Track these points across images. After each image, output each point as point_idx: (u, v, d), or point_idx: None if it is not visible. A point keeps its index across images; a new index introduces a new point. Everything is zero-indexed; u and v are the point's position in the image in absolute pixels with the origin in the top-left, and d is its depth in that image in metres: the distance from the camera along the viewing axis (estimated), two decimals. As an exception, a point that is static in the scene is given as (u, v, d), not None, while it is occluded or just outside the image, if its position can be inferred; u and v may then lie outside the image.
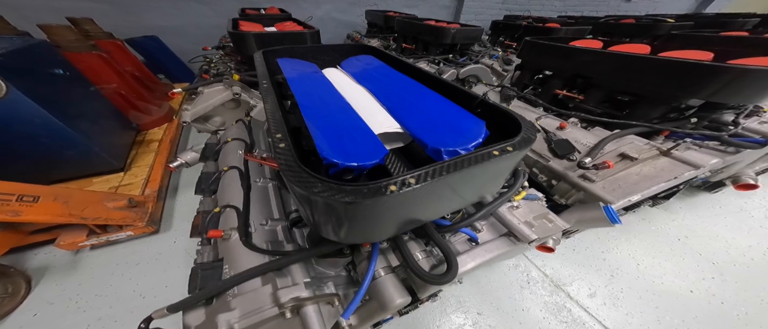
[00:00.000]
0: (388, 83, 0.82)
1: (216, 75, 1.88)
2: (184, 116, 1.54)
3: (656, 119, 0.98)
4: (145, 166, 1.85)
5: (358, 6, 4.51)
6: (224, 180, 0.94)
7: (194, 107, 1.57)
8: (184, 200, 1.87)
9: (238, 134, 1.20)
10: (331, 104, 0.68)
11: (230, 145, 1.11)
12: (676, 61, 0.84)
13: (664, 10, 6.35)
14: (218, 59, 2.25)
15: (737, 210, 1.63)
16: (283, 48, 1.11)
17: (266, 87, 0.67)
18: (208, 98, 1.57)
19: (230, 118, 1.74)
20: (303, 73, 0.92)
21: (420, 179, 0.36)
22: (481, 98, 0.58)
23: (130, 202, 1.48)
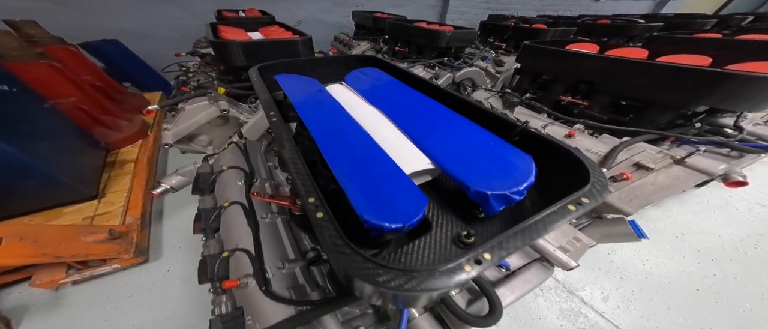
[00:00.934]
0: (406, 104, 0.76)
1: (197, 88, 1.72)
2: (165, 136, 1.38)
3: (663, 125, 1.01)
4: (121, 191, 1.65)
5: (343, 6, 4.40)
6: (226, 217, 0.84)
7: (176, 126, 1.42)
8: (171, 224, 1.71)
9: (234, 161, 1.09)
10: (352, 139, 0.61)
11: (227, 175, 1.00)
12: (690, 68, 0.86)
13: (626, 10, 6.83)
14: (197, 69, 2.07)
15: (724, 204, 1.75)
16: (280, 63, 1.02)
17: (276, 122, 0.59)
18: (192, 115, 1.42)
19: (218, 136, 1.60)
20: (309, 95, 0.84)
21: (494, 251, 0.31)
22: (521, 126, 0.54)
23: (111, 234, 1.32)
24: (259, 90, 0.74)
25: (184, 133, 1.41)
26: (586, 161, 0.42)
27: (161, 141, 1.41)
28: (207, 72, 2.00)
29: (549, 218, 0.34)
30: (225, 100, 1.49)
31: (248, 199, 0.93)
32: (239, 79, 1.70)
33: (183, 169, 1.43)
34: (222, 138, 1.62)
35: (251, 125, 1.50)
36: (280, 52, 1.52)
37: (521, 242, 0.31)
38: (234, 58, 1.45)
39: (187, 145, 1.51)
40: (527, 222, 0.33)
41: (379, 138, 0.63)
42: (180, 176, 1.43)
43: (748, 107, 0.82)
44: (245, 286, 0.66)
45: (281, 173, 1.17)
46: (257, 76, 0.82)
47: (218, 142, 1.61)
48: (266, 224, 0.84)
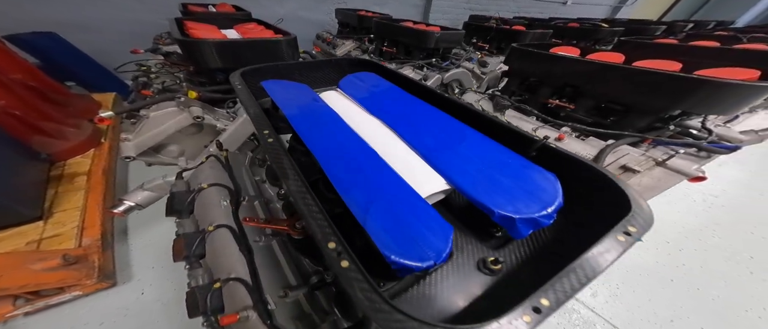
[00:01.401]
0: (410, 114, 0.72)
1: (162, 91, 1.53)
2: (125, 148, 1.21)
3: (642, 128, 1.08)
4: (72, 209, 1.42)
5: (326, 4, 4.26)
6: (213, 243, 0.74)
7: (138, 135, 1.24)
8: (139, 243, 1.54)
9: (214, 177, 0.97)
10: (359, 158, 0.56)
11: (208, 194, 0.88)
12: (671, 75, 0.93)
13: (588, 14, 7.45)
14: (160, 68, 1.85)
15: (682, 196, 1.94)
16: (266, 67, 0.92)
17: (275, 146, 0.51)
18: (158, 123, 1.26)
19: (191, 145, 1.44)
20: (303, 105, 0.76)
21: (550, 295, 0.28)
22: (541, 142, 0.52)
23: (65, 259, 1.14)
24: (246, 102, 0.65)
25: (149, 144, 1.24)
26: (622, 184, 0.41)
27: (121, 152, 1.22)
28: (173, 73, 1.79)
29: (600, 253, 0.31)
30: (198, 105, 1.34)
31: (237, 221, 0.83)
32: (213, 81, 1.54)
33: (150, 183, 1.26)
34: (195, 148, 1.46)
35: (230, 133, 1.37)
36: (261, 53, 1.39)
37: (578, 283, 0.29)
38: (207, 60, 1.30)
39: (153, 157, 1.33)
40: (582, 259, 0.31)
41: (387, 155, 0.58)
42: (147, 191, 1.26)
43: (720, 111, 0.90)
44: (246, 320, 0.58)
45: (270, 187, 1.07)
46: (242, 84, 0.73)
47: (191, 152, 1.45)
48: (260, 249, 0.75)
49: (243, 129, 1.38)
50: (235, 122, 1.38)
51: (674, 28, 4.42)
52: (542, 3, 6.54)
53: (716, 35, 2.42)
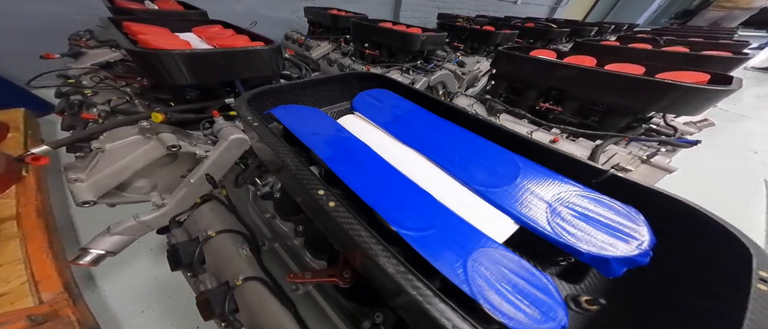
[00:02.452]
0: (447, 141, 0.66)
1: (112, 113, 1.20)
2: (79, 192, 0.93)
3: (623, 128, 1.20)
4: (12, 263, 1.08)
5: (290, 1, 3.87)
6: (245, 297, 0.62)
7: (94, 174, 0.97)
8: (114, 287, 1.29)
9: (221, 221, 0.80)
10: (417, 202, 0.49)
11: (218, 243, 0.73)
12: (665, 83, 1.02)
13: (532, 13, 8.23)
14: (97, 81, 1.45)
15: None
16: (268, 90, 0.77)
17: (339, 211, 0.41)
18: (118, 157, 0.99)
19: (164, 176, 1.19)
20: (326, 136, 0.65)
21: None
22: (608, 173, 0.51)
23: (32, 320, 0.89)
24: (275, 148, 0.51)
25: (111, 184, 0.97)
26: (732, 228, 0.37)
27: (74, 197, 0.93)
28: (117, 87, 1.43)
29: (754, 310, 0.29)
30: (167, 130, 1.09)
31: (264, 269, 0.70)
32: (181, 99, 1.27)
33: (119, 226, 1.01)
34: (170, 178, 1.20)
35: (214, 160, 1.15)
36: (241, 65, 1.19)
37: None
38: (174, 75, 1.05)
39: (117, 196, 1.05)
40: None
41: (438, 193, 0.52)
42: (117, 235, 1.00)
43: (688, 111, 1.04)
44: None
45: (282, 222, 0.93)
46: (258, 120, 0.58)
47: (166, 184, 1.19)
48: (301, 299, 0.65)
49: (229, 154, 1.18)
50: (218, 147, 1.16)
51: (603, 29, 5.13)
52: (497, 3, 6.99)
53: (641, 38, 2.83)
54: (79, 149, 0.96)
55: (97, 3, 2.50)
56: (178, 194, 1.13)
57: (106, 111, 1.14)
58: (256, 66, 1.24)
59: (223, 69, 1.14)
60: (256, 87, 1.60)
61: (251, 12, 3.63)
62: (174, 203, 1.12)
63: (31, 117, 1.98)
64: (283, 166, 0.49)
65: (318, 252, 0.84)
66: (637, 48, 1.97)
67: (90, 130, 0.96)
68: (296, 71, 1.84)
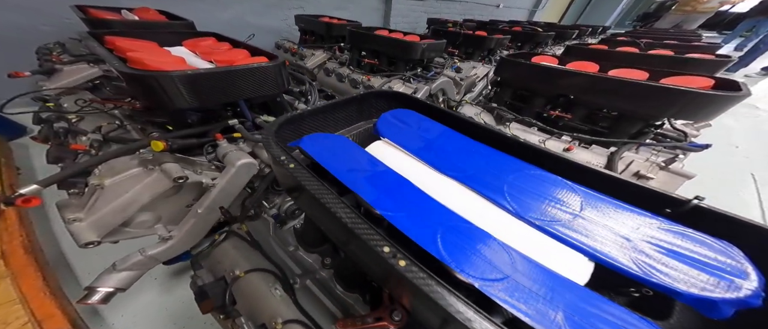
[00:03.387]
0: (493, 170, 0.61)
1: (105, 142, 1.07)
2: (80, 234, 0.82)
3: (634, 134, 1.20)
4: (7, 303, 0.97)
5: (278, 9, 3.74)
6: None
7: (94, 213, 0.85)
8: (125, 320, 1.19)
9: (247, 260, 0.73)
10: (479, 242, 0.44)
11: (248, 283, 0.66)
12: (674, 88, 1.03)
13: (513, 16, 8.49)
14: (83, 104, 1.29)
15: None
16: (290, 118, 0.70)
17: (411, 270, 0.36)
18: (119, 193, 0.88)
19: (169, 208, 1.08)
20: (361, 169, 0.59)
21: None
22: (691, 203, 0.46)
23: None
24: (323, 197, 0.45)
25: (115, 222, 0.86)
26: None
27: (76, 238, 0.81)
28: (105, 110, 1.28)
29: None
30: (170, 159, 0.98)
31: (302, 310, 0.64)
32: (181, 122, 1.16)
33: (125, 262, 0.91)
34: (175, 209, 1.09)
35: (222, 188, 1.05)
36: (247, 83, 1.10)
37: None
38: (174, 98, 0.94)
39: (121, 233, 0.94)
40: None
41: (499, 232, 0.48)
42: (124, 271, 0.90)
43: (703, 117, 1.05)
44: None
45: (306, 254, 0.86)
46: (295, 161, 0.51)
47: (170, 216, 1.08)
48: None
49: (237, 180, 1.09)
50: (226, 174, 1.06)
51: (582, 32, 5.36)
52: (481, 6, 7.13)
53: (622, 41, 2.96)
54: (73, 185, 0.84)
55: (65, 12, 2.26)
56: (185, 226, 1.03)
57: (98, 140, 1.01)
58: (262, 84, 1.15)
59: (227, 89, 1.05)
60: (261, 105, 1.52)
61: (239, 20, 3.47)
62: (182, 234, 1.02)
63: (2, 143, 1.76)
64: (335, 217, 0.43)
65: (349, 286, 0.78)
66: (625, 51, 2.05)
67: (84, 164, 0.84)
68: (296, 85, 1.76)
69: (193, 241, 1.09)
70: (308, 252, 0.88)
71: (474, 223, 0.49)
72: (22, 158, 1.91)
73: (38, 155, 1.97)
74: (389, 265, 0.36)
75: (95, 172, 0.87)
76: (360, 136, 0.94)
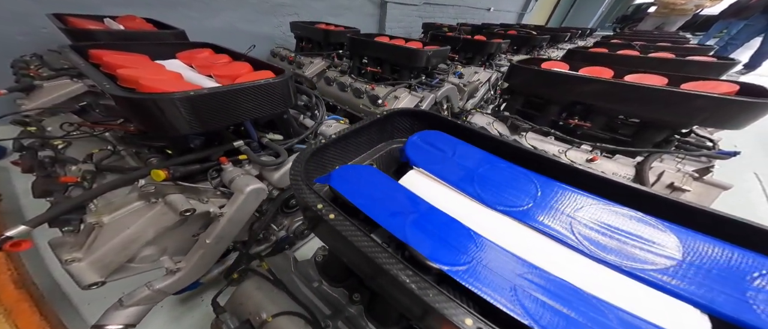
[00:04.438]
0: (553, 202, 0.53)
1: (97, 172, 0.95)
2: (81, 275, 0.73)
3: (660, 142, 1.14)
4: None
5: (271, 16, 3.62)
6: None
7: (94, 252, 0.75)
8: None
9: (273, 302, 0.65)
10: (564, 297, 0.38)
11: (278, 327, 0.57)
12: (704, 95, 0.98)
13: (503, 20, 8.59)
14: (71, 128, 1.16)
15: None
16: (315, 150, 0.62)
17: None
18: (120, 229, 0.77)
19: (175, 240, 0.97)
20: (413, 218, 0.51)
21: None
22: None
23: None
24: (373, 252, 0.38)
25: (119, 262, 0.76)
26: None
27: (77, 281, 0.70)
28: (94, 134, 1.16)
29: None
30: (174, 189, 0.88)
31: None
32: (182, 146, 1.05)
33: (132, 298, 0.82)
34: (181, 239, 0.98)
35: (230, 217, 0.96)
36: (252, 103, 1.00)
37: None
38: (176, 123, 0.84)
39: (126, 270, 0.83)
40: None
41: (582, 282, 0.41)
42: (132, 306, 0.80)
43: (734, 125, 0.99)
44: None
45: (331, 289, 0.78)
46: (354, 225, 0.43)
47: (177, 247, 0.97)
48: None
49: (247, 208, 0.99)
50: (234, 202, 0.97)
51: (573, 35, 5.44)
52: (473, 10, 7.18)
53: (617, 44, 2.97)
54: (66, 222, 0.73)
55: (42, 21, 2.09)
56: (193, 257, 0.93)
57: (90, 171, 0.90)
58: (272, 102, 1.06)
59: (234, 110, 0.95)
60: (266, 126, 1.40)
61: (230, 28, 3.33)
62: (190, 266, 0.92)
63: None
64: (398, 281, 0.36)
65: (383, 324, 0.71)
66: (627, 55, 2.05)
67: (77, 199, 0.73)
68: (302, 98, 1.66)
69: (202, 271, 1.00)
70: (333, 286, 0.80)
71: (549, 271, 0.42)
72: (2, 182, 1.74)
73: (20, 178, 1.79)
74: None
75: (90, 208, 0.76)
76: (383, 160, 0.86)
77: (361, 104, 2.14)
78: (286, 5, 3.60)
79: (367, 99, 2.10)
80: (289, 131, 1.36)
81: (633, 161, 1.09)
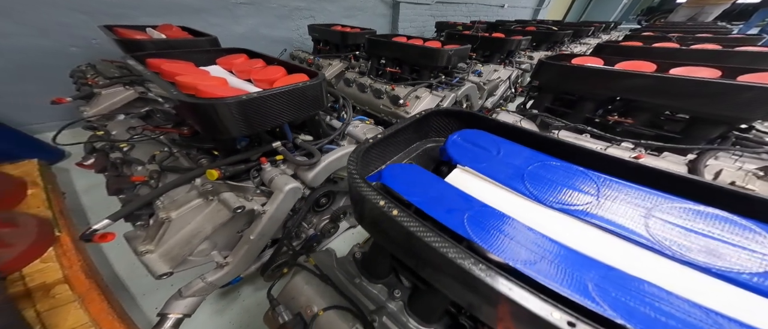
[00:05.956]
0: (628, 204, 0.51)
1: (161, 172, 1.03)
2: (154, 266, 0.80)
3: (715, 138, 1.05)
4: (80, 327, 0.93)
5: (289, 20, 3.74)
6: None
7: (163, 244, 0.82)
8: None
9: (325, 297, 0.68)
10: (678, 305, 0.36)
11: (328, 322, 0.61)
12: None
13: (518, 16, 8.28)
14: (134, 133, 1.26)
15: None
16: (365, 149, 0.64)
17: None
18: (183, 224, 0.84)
19: (223, 236, 1.03)
20: (469, 213, 0.52)
21: None
22: None
23: None
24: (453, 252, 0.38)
25: (184, 254, 0.83)
26: None
27: (151, 271, 0.78)
28: (153, 137, 1.27)
29: None
30: (225, 188, 0.94)
31: None
32: (231, 149, 1.12)
33: (190, 288, 0.88)
34: (228, 235, 1.05)
35: (271, 215, 1.01)
36: (293, 105, 1.04)
37: None
38: (229, 125, 0.88)
39: (185, 263, 0.90)
40: None
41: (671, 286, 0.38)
42: (189, 297, 0.87)
43: None
44: None
45: (370, 285, 0.80)
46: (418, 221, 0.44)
47: (224, 243, 1.04)
48: None
49: (285, 205, 1.04)
50: (275, 200, 1.01)
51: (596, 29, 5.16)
52: (486, 7, 6.99)
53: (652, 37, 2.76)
54: (138, 217, 0.81)
55: (91, 33, 2.30)
56: (239, 252, 0.99)
57: (156, 171, 0.98)
58: (309, 104, 1.10)
59: (278, 112, 1.00)
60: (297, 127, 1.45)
61: (253, 33, 3.48)
62: (237, 260, 0.98)
63: (45, 168, 1.76)
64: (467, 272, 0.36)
65: (427, 319, 0.71)
66: (666, 47, 1.91)
67: (148, 196, 0.81)
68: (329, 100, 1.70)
69: (246, 266, 1.06)
70: (372, 282, 0.82)
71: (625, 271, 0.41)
72: (65, 183, 1.93)
73: (80, 179, 1.98)
74: None
75: (158, 204, 0.83)
76: (419, 159, 0.87)
77: (381, 104, 2.16)
78: (303, 9, 3.71)
79: (388, 99, 2.11)
80: (318, 131, 1.40)
81: (684, 158, 1.01)
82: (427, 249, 0.41)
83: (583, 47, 4.30)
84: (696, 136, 1.10)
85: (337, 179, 1.38)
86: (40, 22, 2.10)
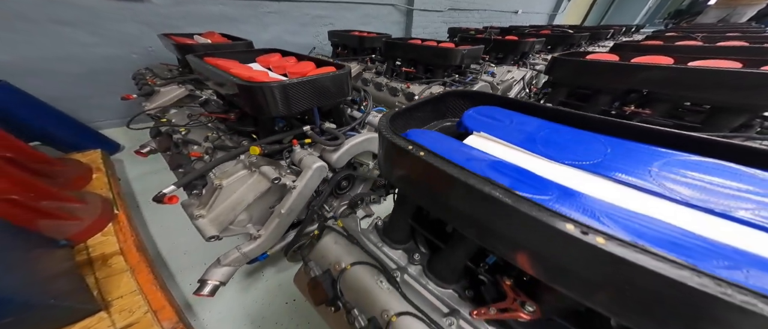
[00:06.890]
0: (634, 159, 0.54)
1: (213, 150, 1.20)
2: (205, 229, 0.93)
3: (736, 128, 1.05)
4: (131, 294, 1.10)
5: (311, 26, 4.03)
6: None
7: (212, 209, 0.96)
8: (213, 317, 1.27)
9: (349, 253, 0.76)
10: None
11: (354, 275, 0.69)
12: None
13: (533, 22, 8.24)
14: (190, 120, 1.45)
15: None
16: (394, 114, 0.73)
17: None
18: (231, 191, 0.97)
19: (258, 209, 1.15)
20: (486, 162, 0.58)
21: None
22: None
23: None
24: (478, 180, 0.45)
25: (230, 218, 0.95)
26: None
27: (202, 232, 0.91)
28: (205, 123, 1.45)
29: None
30: (266, 163, 1.07)
31: (410, 303, 0.64)
32: (269, 129, 1.26)
33: (227, 258, 0.99)
34: (262, 211, 1.17)
35: (300, 190, 1.11)
36: (323, 92, 1.17)
37: None
38: (270, 106, 1.02)
39: (228, 231, 1.03)
40: None
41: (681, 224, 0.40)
42: (225, 267, 0.98)
43: None
44: None
45: (391, 250, 0.86)
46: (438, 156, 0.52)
47: (258, 216, 1.16)
48: None
49: (312, 183, 1.14)
50: (303, 177, 1.12)
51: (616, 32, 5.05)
52: (499, 13, 7.06)
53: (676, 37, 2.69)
54: (194, 187, 0.95)
55: (147, 42, 2.68)
56: (270, 225, 1.10)
57: (210, 148, 1.14)
58: (336, 91, 1.23)
59: (311, 96, 1.12)
60: (327, 114, 1.58)
61: (278, 39, 3.78)
62: (268, 233, 1.09)
63: (107, 157, 2.05)
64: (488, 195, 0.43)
65: (442, 280, 0.76)
66: (689, 45, 1.87)
67: (203, 168, 0.95)
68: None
69: (275, 240, 1.16)
70: (393, 248, 0.89)
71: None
72: (120, 171, 2.20)
73: (132, 169, 2.25)
74: (579, 244, 0.35)
75: (211, 175, 0.97)
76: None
77: (397, 101, 2.26)
78: (323, 16, 3.99)
79: (403, 96, 2.22)
80: (341, 120, 1.52)
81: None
82: (455, 182, 0.48)
83: (602, 50, 4.20)
84: (717, 125, 1.09)
85: (356, 164, 1.48)
86: (111, 33, 2.48)
